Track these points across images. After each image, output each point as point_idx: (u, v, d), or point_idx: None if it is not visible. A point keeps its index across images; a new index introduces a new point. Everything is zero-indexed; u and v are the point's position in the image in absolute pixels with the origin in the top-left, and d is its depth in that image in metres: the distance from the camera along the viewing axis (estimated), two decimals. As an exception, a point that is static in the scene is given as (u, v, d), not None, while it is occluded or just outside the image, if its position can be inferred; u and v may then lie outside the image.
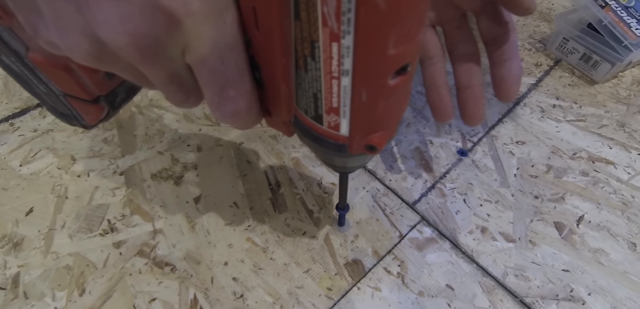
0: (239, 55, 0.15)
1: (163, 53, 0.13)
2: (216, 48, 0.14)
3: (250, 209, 0.31)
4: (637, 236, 0.30)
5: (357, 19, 0.12)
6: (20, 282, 0.27)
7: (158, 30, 0.12)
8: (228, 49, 0.14)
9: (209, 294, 0.27)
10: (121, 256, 0.28)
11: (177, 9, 0.12)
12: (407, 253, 0.29)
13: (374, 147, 0.16)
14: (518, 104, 0.40)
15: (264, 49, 0.15)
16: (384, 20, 0.12)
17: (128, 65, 0.14)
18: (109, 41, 0.12)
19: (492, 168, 0.34)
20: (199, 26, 0.13)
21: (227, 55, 0.14)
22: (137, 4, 0.12)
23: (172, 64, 0.14)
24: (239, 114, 0.16)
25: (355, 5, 0.11)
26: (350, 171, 0.22)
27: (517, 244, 0.29)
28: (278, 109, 0.17)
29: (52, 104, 0.22)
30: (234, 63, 0.15)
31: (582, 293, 0.27)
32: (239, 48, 0.15)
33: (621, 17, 0.40)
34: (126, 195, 0.32)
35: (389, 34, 0.12)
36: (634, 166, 0.35)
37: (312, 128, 0.17)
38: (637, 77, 0.43)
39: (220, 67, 0.14)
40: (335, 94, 0.14)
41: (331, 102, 0.15)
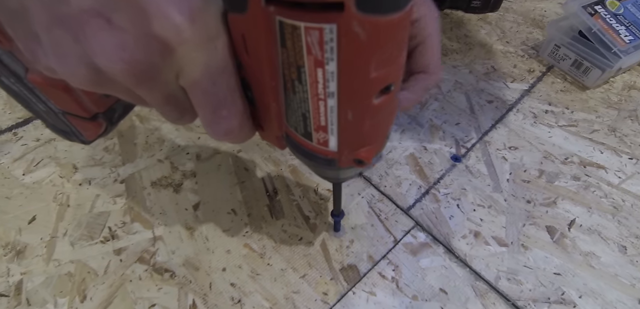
0: (230, 78, 0.16)
1: (158, 78, 0.14)
2: (208, 72, 0.14)
3: (248, 215, 0.32)
4: (627, 240, 0.31)
5: (339, 48, 0.13)
6: (23, 289, 0.28)
7: (152, 57, 0.13)
8: (219, 72, 0.15)
9: (207, 299, 0.27)
10: (121, 262, 0.29)
11: (170, 38, 0.13)
12: (401, 257, 0.29)
13: (363, 161, 0.17)
14: (511, 110, 0.41)
15: (254, 72, 0.16)
16: (365, 48, 0.13)
17: (124, 88, 0.15)
18: (106, 69, 0.13)
19: (485, 173, 0.35)
20: (191, 53, 0.13)
21: (218, 79, 0.15)
22: (131, 33, 0.12)
23: (166, 87, 0.15)
24: (232, 132, 0.17)
25: (337, 36, 0.12)
26: (342, 181, 0.23)
27: (510, 248, 0.30)
28: (269, 126, 0.18)
29: (51, 122, 0.23)
30: (226, 85, 0.15)
31: (573, 296, 0.27)
32: (230, 71, 0.15)
33: (610, 24, 0.41)
34: (126, 203, 0.33)
35: (371, 60, 0.13)
36: (624, 170, 0.35)
37: (302, 144, 0.17)
38: (627, 82, 0.44)
39: (212, 90, 0.15)
40: (323, 113, 0.15)
41: (319, 121, 0.16)
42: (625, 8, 0.42)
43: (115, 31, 0.12)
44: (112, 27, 0.12)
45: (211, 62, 0.14)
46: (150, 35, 0.13)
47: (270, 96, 0.16)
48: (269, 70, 0.15)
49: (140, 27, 0.12)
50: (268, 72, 0.15)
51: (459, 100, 0.42)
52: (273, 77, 0.15)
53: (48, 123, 0.23)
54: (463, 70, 0.46)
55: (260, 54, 0.14)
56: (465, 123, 0.39)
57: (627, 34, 0.41)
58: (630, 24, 0.42)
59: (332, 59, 0.13)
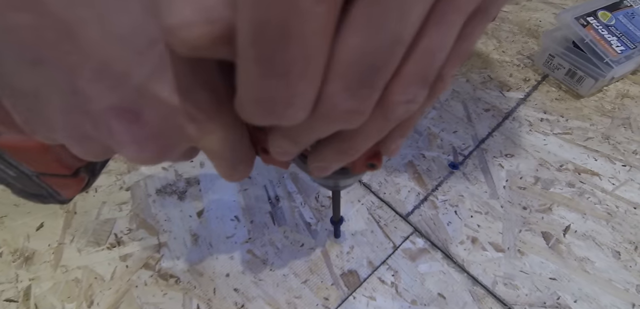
0: (247, 139, 0.16)
1: (177, 152, 0.14)
2: (229, 144, 0.14)
3: (250, 222, 0.33)
4: (621, 245, 0.31)
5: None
6: (32, 295, 0.28)
7: (177, 143, 0.13)
8: (238, 139, 0.15)
9: (211, 304, 0.28)
10: (127, 268, 0.30)
11: (195, 134, 0.13)
12: (400, 263, 0.30)
13: (374, 164, 0.17)
14: (507, 118, 0.42)
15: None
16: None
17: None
18: (130, 158, 0.13)
19: (482, 180, 0.36)
20: (215, 136, 0.14)
21: (238, 145, 0.15)
22: (153, 126, 0.12)
23: (182, 155, 0.15)
24: (244, 176, 0.17)
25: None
26: (342, 189, 0.24)
27: (506, 253, 0.31)
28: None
29: (21, 187, 0.20)
30: (244, 147, 0.15)
31: (568, 301, 0.28)
32: (246, 134, 0.15)
33: (602, 35, 0.42)
34: (132, 210, 0.33)
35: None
36: (618, 177, 0.36)
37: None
38: (620, 91, 0.45)
39: (232, 155, 0.15)
40: None
41: None
42: (617, 19, 0.44)
43: (144, 127, 0.12)
44: (140, 123, 0.12)
45: (232, 136, 0.14)
46: (178, 126, 0.12)
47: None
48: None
49: (169, 121, 0.12)
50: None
51: (456, 108, 0.43)
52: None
53: (16, 189, 0.20)
54: (460, 79, 0.47)
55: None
56: (463, 131, 0.40)
57: (618, 44, 0.42)
58: (621, 35, 0.43)
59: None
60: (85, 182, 0.21)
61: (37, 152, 0.18)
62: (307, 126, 0.11)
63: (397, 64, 0.10)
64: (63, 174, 0.20)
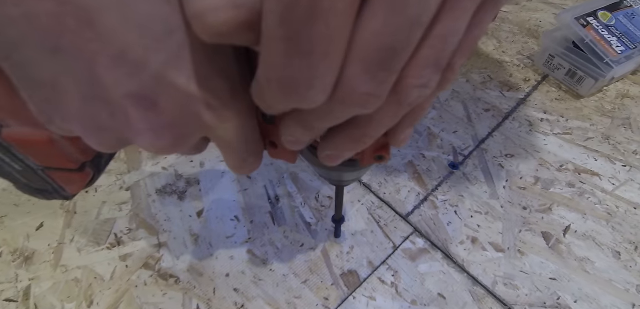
0: (257, 132, 0.16)
1: (190, 142, 0.14)
2: (242, 136, 0.14)
3: (250, 222, 0.33)
4: (621, 245, 0.31)
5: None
6: (31, 295, 0.28)
7: (192, 132, 0.13)
8: (251, 130, 0.15)
9: (211, 304, 0.28)
10: (127, 268, 0.30)
11: (211, 122, 0.13)
12: (400, 263, 0.30)
13: (383, 156, 0.17)
14: (507, 118, 0.42)
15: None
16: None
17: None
18: (146, 147, 0.13)
19: (482, 181, 0.36)
20: (231, 127, 0.14)
21: (250, 137, 0.15)
22: (169, 114, 0.12)
23: (195, 146, 0.15)
24: (253, 169, 0.17)
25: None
26: (346, 184, 0.24)
27: (506, 253, 0.31)
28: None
29: (26, 182, 0.20)
30: (255, 140, 0.16)
31: (568, 301, 0.28)
32: (257, 127, 0.15)
33: (602, 35, 0.42)
34: (132, 210, 0.33)
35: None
36: (618, 177, 0.36)
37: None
38: (621, 91, 0.45)
39: (244, 147, 0.15)
40: None
41: None
42: (617, 19, 0.44)
43: (161, 115, 0.12)
44: (157, 110, 0.12)
45: (246, 126, 0.15)
46: (194, 114, 0.13)
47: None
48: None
49: (186, 108, 0.12)
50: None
51: (456, 109, 0.43)
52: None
53: (21, 184, 0.20)
54: (460, 79, 0.47)
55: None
56: (463, 131, 0.40)
57: (618, 45, 0.42)
58: (621, 35, 0.43)
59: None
60: (90, 177, 0.21)
61: (44, 146, 0.18)
62: (325, 111, 0.12)
63: (414, 48, 0.10)
64: (69, 168, 0.20)
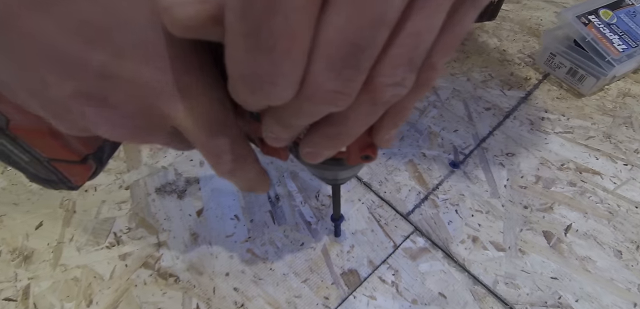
0: (230, 129, 0.15)
1: (158, 133, 0.14)
2: (202, 122, 0.14)
3: (250, 221, 0.33)
4: (622, 244, 0.31)
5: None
6: (31, 294, 0.28)
7: (150, 126, 0.13)
8: (217, 122, 0.14)
9: (211, 304, 0.28)
10: (127, 267, 0.30)
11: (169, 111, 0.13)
12: (401, 262, 0.30)
13: (369, 156, 0.18)
14: (508, 117, 0.42)
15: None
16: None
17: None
18: (110, 137, 0.13)
19: (482, 179, 0.36)
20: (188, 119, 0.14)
21: (216, 128, 0.14)
22: (123, 107, 0.13)
23: (167, 136, 0.15)
24: (233, 170, 0.16)
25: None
26: (341, 183, 0.24)
27: (507, 253, 0.31)
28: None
29: (34, 172, 0.21)
30: (228, 133, 0.15)
31: (569, 300, 0.28)
32: (231, 123, 0.15)
33: (604, 33, 0.42)
34: (131, 209, 0.33)
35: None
36: (619, 176, 0.36)
37: None
38: (622, 89, 0.45)
39: (211, 140, 0.15)
40: None
41: None
42: (618, 18, 0.44)
43: (114, 108, 0.12)
44: (108, 105, 0.12)
45: (208, 117, 0.14)
46: (151, 105, 0.13)
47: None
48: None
49: (140, 100, 0.12)
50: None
51: (457, 107, 0.43)
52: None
53: (30, 174, 0.21)
54: (461, 78, 0.46)
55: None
56: (463, 130, 0.40)
57: (620, 43, 0.42)
58: (623, 34, 0.43)
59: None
60: (93, 169, 0.22)
61: (47, 138, 0.18)
62: (295, 108, 0.11)
63: (382, 46, 0.10)
64: (72, 160, 0.20)
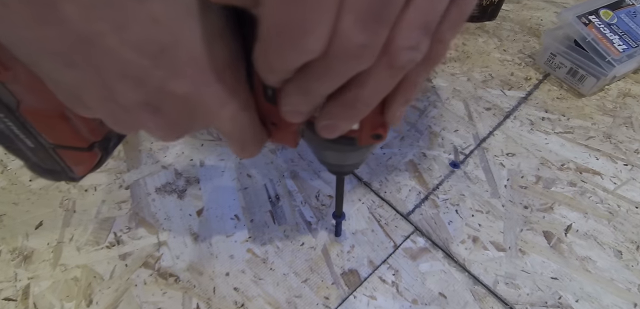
0: (256, 122, 0.18)
1: (195, 131, 0.17)
2: (238, 125, 0.17)
3: (250, 221, 0.33)
4: (623, 244, 0.31)
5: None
6: (30, 294, 0.28)
7: (191, 127, 0.16)
8: (248, 121, 0.17)
9: (211, 304, 0.28)
10: (127, 267, 0.29)
11: (211, 118, 0.16)
12: (401, 262, 0.30)
13: (380, 135, 0.18)
14: (508, 117, 0.42)
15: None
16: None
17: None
18: (158, 138, 0.16)
19: (483, 179, 0.36)
20: (227, 122, 0.16)
21: (247, 127, 0.17)
22: (172, 116, 0.15)
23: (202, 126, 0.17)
24: (253, 154, 0.19)
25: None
26: (347, 171, 0.24)
27: (508, 253, 0.31)
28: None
29: (36, 161, 0.21)
30: (253, 128, 0.18)
31: (570, 300, 0.28)
32: (256, 117, 0.18)
33: (604, 33, 0.42)
34: (131, 208, 0.33)
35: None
36: (619, 176, 0.36)
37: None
38: (622, 90, 0.45)
39: (242, 135, 0.17)
40: None
41: None
42: (619, 18, 0.43)
43: (165, 116, 0.15)
44: (161, 114, 0.14)
45: (242, 119, 0.17)
46: (195, 114, 0.15)
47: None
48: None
49: (186, 110, 0.15)
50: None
51: (457, 107, 0.43)
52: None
53: (31, 163, 0.21)
54: (461, 78, 0.46)
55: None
56: (464, 130, 0.40)
57: (620, 43, 0.42)
58: (623, 34, 0.43)
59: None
60: (98, 158, 0.22)
61: (56, 122, 0.19)
62: (322, 69, 0.13)
63: (403, 5, 0.11)
64: (78, 147, 0.21)
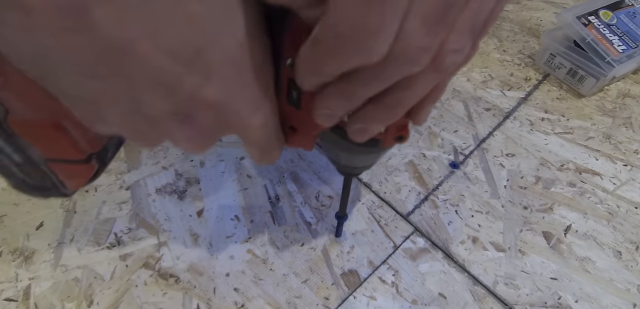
0: (279, 130, 0.17)
1: (219, 139, 0.16)
2: (266, 132, 0.16)
3: (250, 222, 0.33)
4: (622, 245, 0.31)
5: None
6: (31, 294, 0.28)
7: (219, 135, 0.15)
8: (274, 127, 0.17)
9: (211, 304, 0.28)
10: (127, 268, 0.30)
11: (241, 127, 0.15)
12: (401, 262, 0.30)
13: (403, 136, 0.18)
14: (508, 117, 0.42)
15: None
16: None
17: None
18: (186, 150, 0.15)
19: (482, 180, 0.36)
20: (256, 130, 0.16)
21: (273, 133, 0.17)
22: (203, 125, 0.14)
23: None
24: (273, 160, 0.19)
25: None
26: (358, 173, 0.23)
27: (507, 253, 0.31)
28: (313, 123, 0.17)
29: (23, 177, 0.19)
30: (277, 135, 0.17)
31: (569, 300, 0.28)
32: (279, 125, 0.17)
33: (603, 34, 0.42)
34: (132, 209, 0.33)
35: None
36: (619, 176, 0.36)
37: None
38: (622, 90, 0.45)
39: (267, 142, 0.17)
40: None
41: None
42: (618, 18, 0.44)
43: (195, 126, 0.14)
44: (192, 123, 0.14)
45: (270, 126, 0.16)
46: (225, 122, 0.14)
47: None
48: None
49: (217, 118, 0.14)
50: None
51: (457, 108, 0.43)
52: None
53: (16, 180, 0.19)
54: (461, 78, 0.47)
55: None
56: (463, 131, 0.40)
57: (620, 44, 0.42)
58: (623, 34, 0.43)
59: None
60: (95, 171, 0.21)
61: (51, 133, 0.17)
62: (376, 72, 0.12)
63: (464, 4, 0.11)
64: (74, 159, 0.19)
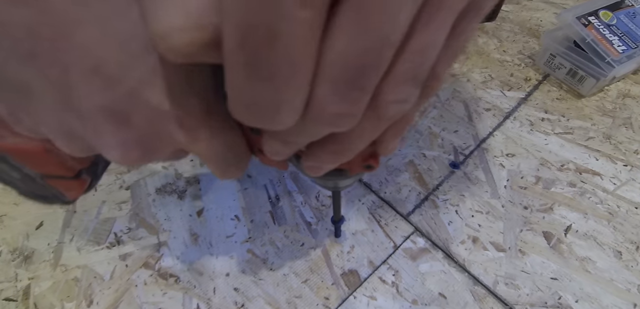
0: (240, 147, 0.16)
1: (161, 156, 0.14)
2: (216, 148, 0.14)
3: (250, 221, 0.33)
4: (622, 245, 0.31)
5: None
6: (31, 294, 0.28)
7: (158, 148, 0.13)
8: (226, 143, 0.15)
9: (211, 304, 0.28)
10: (127, 268, 0.30)
11: (183, 139, 0.13)
12: (401, 262, 0.30)
13: (371, 165, 0.17)
14: (508, 117, 0.42)
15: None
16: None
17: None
18: (118, 161, 0.13)
19: (483, 180, 0.36)
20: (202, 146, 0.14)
21: (225, 149, 0.15)
22: (140, 130, 0.12)
23: (170, 154, 0.15)
24: (236, 176, 0.17)
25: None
26: (342, 189, 0.24)
27: (507, 253, 0.31)
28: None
29: (27, 189, 0.20)
30: (235, 150, 0.16)
31: (569, 300, 0.28)
32: (238, 136, 0.15)
33: (603, 34, 0.42)
34: (132, 209, 0.33)
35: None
36: (619, 176, 0.36)
37: None
38: (622, 90, 0.45)
39: (220, 158, 0.15)
40: None
41: None
42: (618, 19, 0.44)
43: (132, 129, 0.12)
44: (128, 125, 0.12)
45: (220, 141, 0.15)
46: (166, 131, 0.13)
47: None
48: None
49: (158, 125, 0.12)
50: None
51: (457, 108, 0.43)
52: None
53: (22, 191, 0.20)
54: (461, 78, 0.47)
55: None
56: (464, 131, 0.40)
57: (620, 44, 0.42)
58: (623, 35, 0.43)
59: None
60: (88, 184, 0.21)
61: (38, 155, 0.18)
62: (298, 129, 0.11)
63: (387, 66, 0.10)
64: (65, 176, 0.20)
